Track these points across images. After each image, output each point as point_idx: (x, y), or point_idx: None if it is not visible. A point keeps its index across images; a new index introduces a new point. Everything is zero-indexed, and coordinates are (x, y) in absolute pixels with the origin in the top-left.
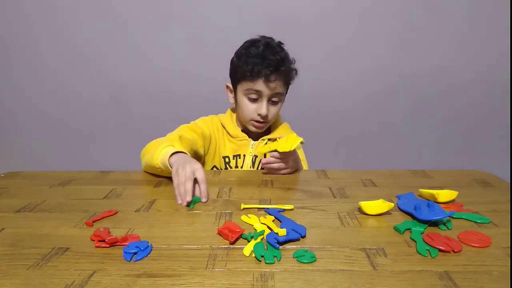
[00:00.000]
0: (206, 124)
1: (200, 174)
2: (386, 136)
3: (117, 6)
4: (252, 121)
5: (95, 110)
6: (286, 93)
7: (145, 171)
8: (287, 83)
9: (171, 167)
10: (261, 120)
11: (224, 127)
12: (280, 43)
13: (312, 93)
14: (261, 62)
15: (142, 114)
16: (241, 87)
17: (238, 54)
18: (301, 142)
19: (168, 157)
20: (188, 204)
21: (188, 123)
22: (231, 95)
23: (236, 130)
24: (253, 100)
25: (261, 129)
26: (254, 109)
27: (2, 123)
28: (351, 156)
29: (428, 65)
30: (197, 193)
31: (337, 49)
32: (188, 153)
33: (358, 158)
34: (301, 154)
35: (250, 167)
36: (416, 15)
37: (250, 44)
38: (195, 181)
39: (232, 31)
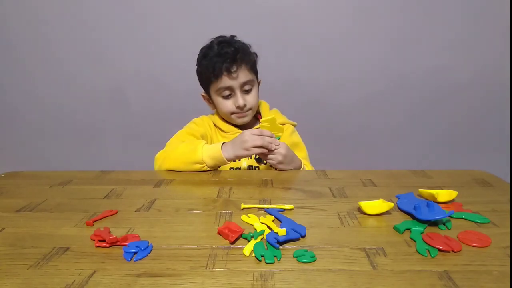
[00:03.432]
0: (199, 125)
1: (256, 131)
2: (386, 136)
3: (118, 4)
4: (233, 115)
5: (95, 109)
6: (258, 78)
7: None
8: (252, 69)
9: (233, 159)
10: (242, 111)
11: (216, 126)
12: (233, 36)
13: (312, 93)
14: (218, 59)
15: (143, 113)
16: (212, 89)
17: (199, 62)
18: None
19: (220, 151)
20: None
21: (187, 121)
22: (208, 103)
23: (228, 126)
24: (227, 97)
25: (246, 118)
26: (231, 104)
27: (2, 123)
28: (351, 156)
29: (428, 65)
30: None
31: (337, 49)
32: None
33: (358, 158)
34: (302, 152)
35: (248, 158)
36: (416, 14)
37: (206, 49)
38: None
39: (233, 29)
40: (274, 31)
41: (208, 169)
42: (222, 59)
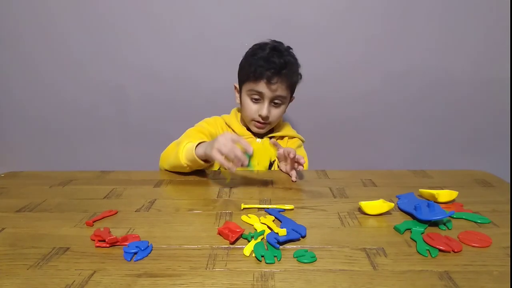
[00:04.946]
0: (211, 124)
1: (234, 136)
2: (386, 136)
3: (117, 7)
4: (253, 121)
5: (95, 109)
6: (292, 97)
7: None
8: (290, 87)
9: (202, 156)
10: (262, 121)
11: (229, 126)
12: (288, 48)
13: (312, 93)
14: (264, 64)
15: (144, 113)
16: (245, 88)
17: (246, 56)
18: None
19: (193, 151)
20: (248, 164)
21: (189, 122)
22: (237, 95)
23: (242, 129)
24: (256, 101)
25: (262, 130)
26: (256, 110)
27: (2, 123)
28: (351, 156)
29: (428, 64)
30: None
31: (336, 49)
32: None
33: (358, 158)
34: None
35: (258, 164)
36: (415, 13)
37: (259, 47)
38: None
39: (233, 34)
40: (270, 29)
41: (198, 168)
42: (268, 66)
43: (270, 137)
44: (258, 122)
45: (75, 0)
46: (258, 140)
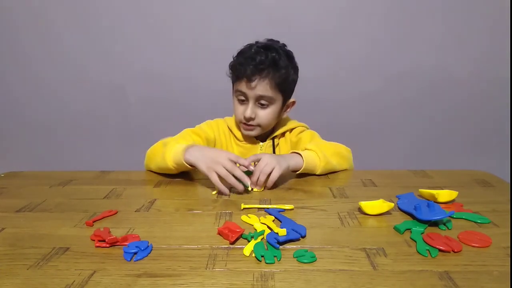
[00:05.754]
0: (211, 127)
1: (234, 156)
2: (386, 135)
3: (117, 8)
4: (241, 124)
5: (96, 109)
6: (289, 100)
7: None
8: (278, 88)
9: (192, 164)
10: (248, 123)
11: (231, 130)
12: (282, 46)
13: (312, 94)
14: (244, 62)
15: (144, 113)
16: (234, 89)
17: (236, 56)
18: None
19: (182, 155)
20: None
21: (189, 123)
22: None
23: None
24: (242, 102)
25: (252, 132)
26: (241, 111)
27: (2, 123)
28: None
29: (428, 64)
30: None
31: (335, 48)
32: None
33: (358, 158)
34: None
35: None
36: (416, 15)
37: (249, 46)
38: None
39: (233, 35)
40: (271, 30)
41: (184, 169)
42: (249, 64)
43: (272, 138)
44: (245, 124)
45: (74, 2)
46: (261, 145)
